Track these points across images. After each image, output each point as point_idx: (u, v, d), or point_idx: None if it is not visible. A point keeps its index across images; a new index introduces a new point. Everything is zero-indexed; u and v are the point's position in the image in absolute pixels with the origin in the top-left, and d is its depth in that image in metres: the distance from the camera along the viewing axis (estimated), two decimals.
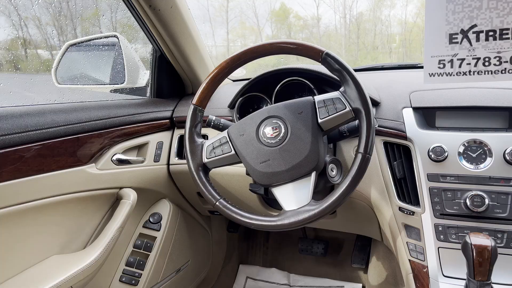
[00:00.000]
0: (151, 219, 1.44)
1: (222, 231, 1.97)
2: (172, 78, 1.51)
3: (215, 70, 1.00)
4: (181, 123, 1.41)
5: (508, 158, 0.94)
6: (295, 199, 0.91)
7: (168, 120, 1.42)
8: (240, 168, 1.21)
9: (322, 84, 1.21)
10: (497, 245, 0.81)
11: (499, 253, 0.83)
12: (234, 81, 1.69)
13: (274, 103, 1.18)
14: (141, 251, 1.40)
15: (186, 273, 1.64)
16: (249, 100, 1.30)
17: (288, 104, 0.96)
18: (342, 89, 0.92)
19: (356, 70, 0.92)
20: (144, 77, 1.52)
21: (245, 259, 2.06)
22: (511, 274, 0.94)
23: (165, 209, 1.48)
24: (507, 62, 0.83)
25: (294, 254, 1.99)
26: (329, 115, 0.91)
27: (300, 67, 1.21)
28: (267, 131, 0.94)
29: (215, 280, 1.92)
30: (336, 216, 1.35)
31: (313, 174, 0.92)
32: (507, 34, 0.82)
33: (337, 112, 0.90)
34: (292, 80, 1.21)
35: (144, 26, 1.30)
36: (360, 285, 1.80)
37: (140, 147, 1.32)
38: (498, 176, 0.95)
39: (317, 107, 0.92)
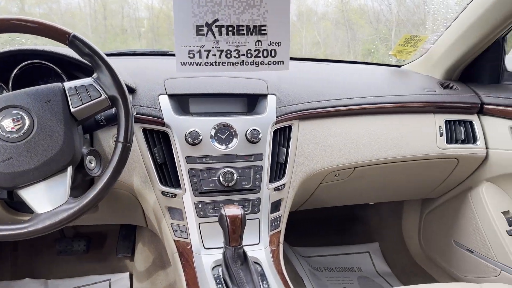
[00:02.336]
0: None
1: None
2: None
3: None
4: None
5: (249, 137, 1.10)
6: (49, 199, 0.81)
7: None
8: None
9: (71, 68, 1.10)
10: (245, 212, 0.95)
11: (247, 219, 0.97)
12: None
13: (12, 90, 1.00)
14: None
15: None
16: None
17: (31, 91, 0.83)
18: (95, 75, 0.86)
19: (108, 55, 0.88)
20: None
21: None
22: (256, 235, 1.11)
23: None
24: (244, 55, 0.95)
25: (51, 258, 1.79)
26: (83, 104, 0.84)
27: (43, 49, 1.06)
28: (6, 124, 0.80)
29: None
30: (98, 210, 1.28)
31: (69, 169, 0.84)
32: (243, 30, 0.93)
33: (91, 100, 0.84)
34: (33, 63, 1.05)
35: None
36: (127, 273, 1.78)
37: None
38: (242, 153, 1.10)
39: (68, 94, 0.84)
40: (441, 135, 1.38)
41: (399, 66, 1.75)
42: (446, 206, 1.69)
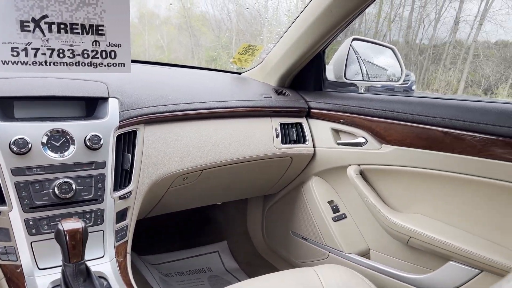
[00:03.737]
0: None
1: None
2: None
3: None
4: None
5: (88, 144, 1.02)
6: None
7: None
8: None
9: None
10: (87, 225, 0.88)
11: (89, 232, 0.90)
12: None
13: None
14: None
15: None
16: None
17: None
18: None
19: None
20: None
21: None
22: (100, 248, 1.05)
23: None
24: (79, 55, 0.89)
25: None
26: None
27: None
28: None
29: None
30: None
31: None
32: (77, 29, 0.87)
33: None
34: None
35: None
36: None
37: None
38: (81, 161, 1.02)
39: None
40: (277, 136, 1.53)
41: (240, 73, 1.87)
42: (283, 201, 1.87)
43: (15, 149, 0.93)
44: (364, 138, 1.47)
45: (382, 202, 1.46)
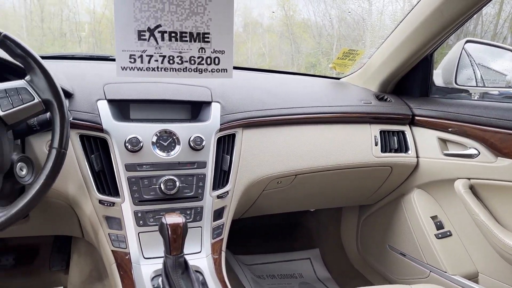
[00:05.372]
0: None
1: None
2: None
3: None
4: None
5: (192, 145, 1.09)
6: None
7: None
8: None
9: (2, 70, 1.03)
10: (187, 221, 0.94)
11: (189, 227, 0.96)
12: None
13: None
14: None
15: None
16: None
17: None
18: (28, 77, 0.82)
19: (44, 58, 0.84)
20: None
21: None
22: (198, 243, 1.10)
23: None
24: (187, 61, 0.95)
25: None
26: (13, 107, 0.79)
27: None
28: None
29: None
30: (29, 220, 1.21)
31: None
32: (186, 37, 0.93)
33: (23, 104, 0.80)
34: None
35: None
36: (61, 287, 1.68)
37: None
38: (185, 161, 1.09)
39: None
40: (376, 144, 1.46)
41: (339, 79, 1.83)
42: (381, 212, 1.77)
43: (129, 147, 1.04)
44: (476, 149, 1.33)
45: (495, 221, 1.30)
